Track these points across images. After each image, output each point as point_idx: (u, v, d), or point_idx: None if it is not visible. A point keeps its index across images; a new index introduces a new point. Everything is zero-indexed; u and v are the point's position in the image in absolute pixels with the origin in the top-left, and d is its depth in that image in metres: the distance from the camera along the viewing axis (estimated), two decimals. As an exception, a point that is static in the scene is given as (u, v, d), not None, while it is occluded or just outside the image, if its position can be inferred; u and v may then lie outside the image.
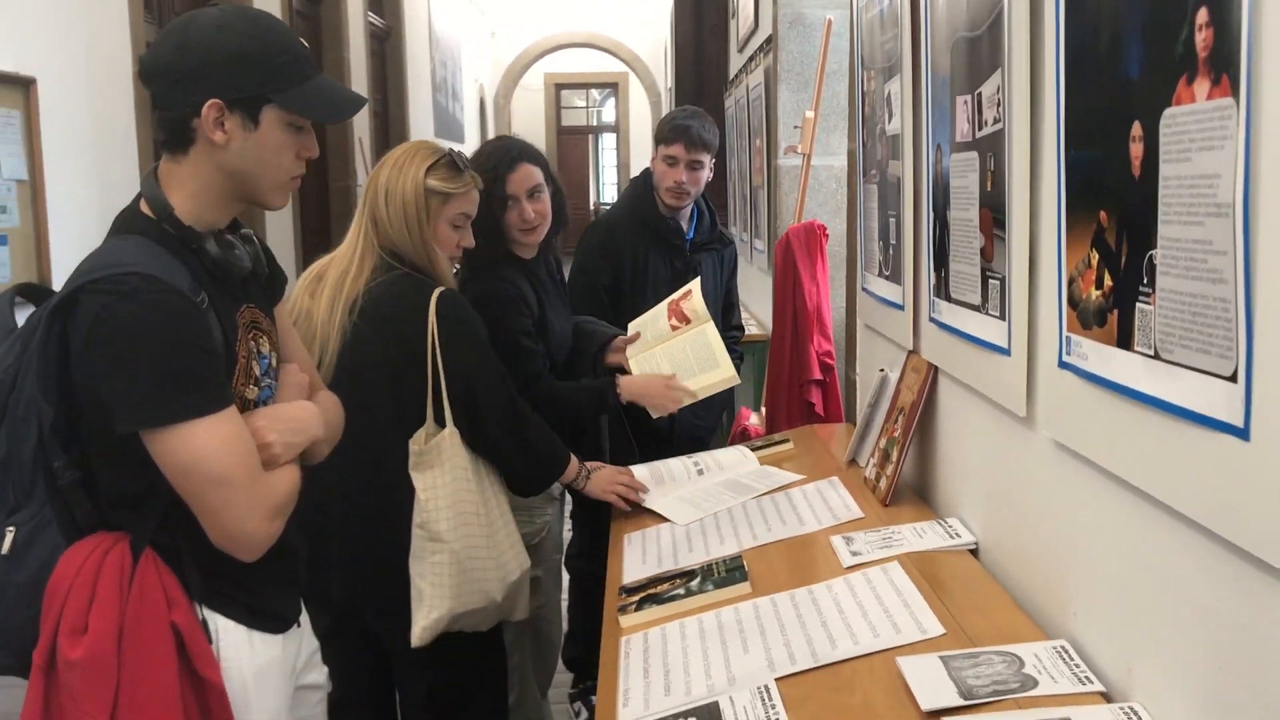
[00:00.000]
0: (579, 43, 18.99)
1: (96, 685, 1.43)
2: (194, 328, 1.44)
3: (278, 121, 1.52)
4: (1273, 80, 0.90)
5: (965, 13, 1.70)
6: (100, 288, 1.42)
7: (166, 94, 1.50)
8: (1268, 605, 0.99)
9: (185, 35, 1.49)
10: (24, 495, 1.49)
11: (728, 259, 3.40)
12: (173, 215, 1.50)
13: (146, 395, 1.41)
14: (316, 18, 9.74)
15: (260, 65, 1.49)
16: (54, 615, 1.45)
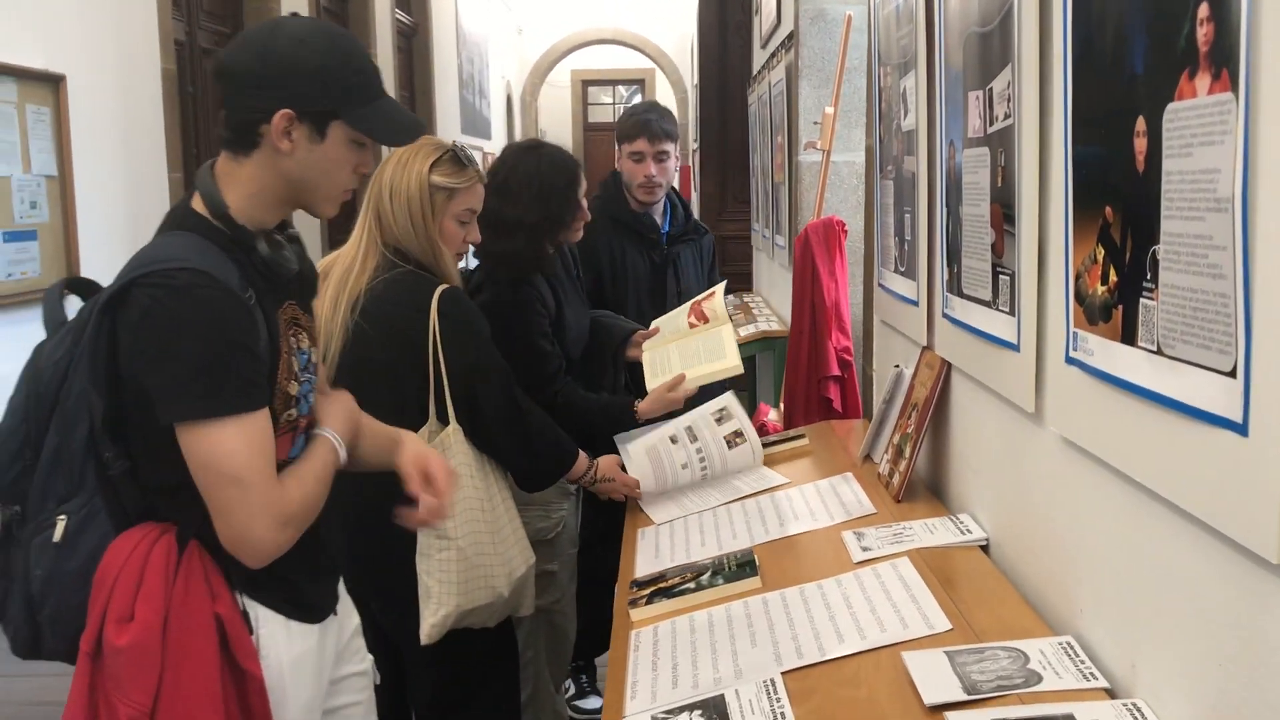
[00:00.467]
0: (605, 39, 19.00)
1: (141, 672, 1.46)
2: (239, 325, 1.47)
3: (342, 137, 1.56)
4: (1271, 74, 0.90)
5: (977, 7, 1.70)
6: (151, 281, 1.45)
7: (240, 97, 1.54)
8: (1268, 602, 0.98)
9: (268, 43, 1.53)
10: (75, 485, 1.52)
11: (705, 248, 3.40)
12: (227, 213, 1.54)
13: (185, 389, 1.44)
14: (344, 15, 9.79)
15: (335, 82, 1.54)
16: (101, 602, 1.48)
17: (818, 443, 2.69)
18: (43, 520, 1.53)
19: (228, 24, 7.42)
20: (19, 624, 1.57)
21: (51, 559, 1.51)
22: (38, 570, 1.52)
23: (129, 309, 1.46)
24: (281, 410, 1.58)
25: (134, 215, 5.85)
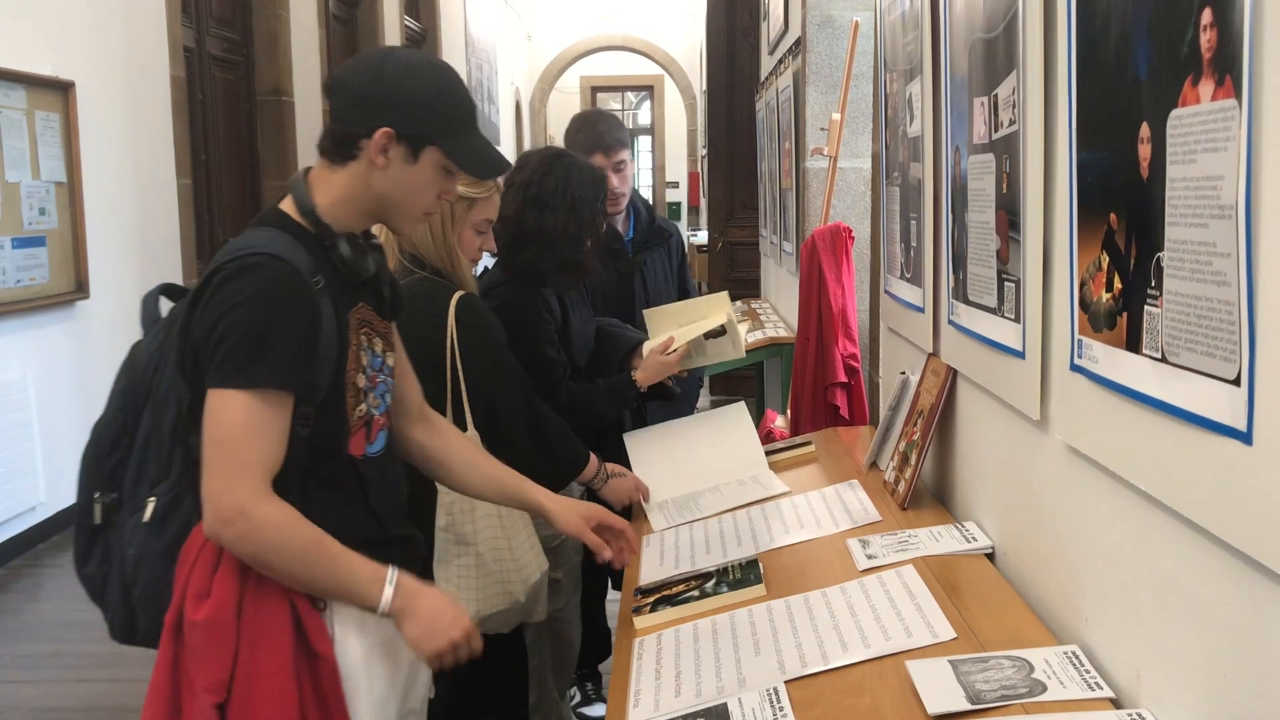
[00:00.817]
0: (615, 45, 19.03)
1: (217, 648, 1.52)
2: (297, 305, 1.54)
3: (433, 162, 1.65)
4: (1273, 81, 0.89)
5: (982, 13, 1.70)
6: (227, 266, 1.55)
7: (347, 111, 1.64)
8: (1272, 611, 0.98)
9: (380, 66, 1.64)
10: (164, 470, 1.62)
11: (674, 249, 3.37)
12: (314, 212, 1.63)
13: (223, 358, 1.51)
14: (353, 21, 9.82)
15: (435, 111, 1.64)
16: (183, 579, 1.56)
17: (824, 449, 2.69)
18: (136, 503, 1.63)
19: (237, 31, 7.45)
20: (116, 606, 1.67)
21: (142, 539, 1.61)
22: (130, 550, 1.62)
23: (205, 293, 1.55)
24: (352, 404, 1.65)
25: (142, 221, 5.87)
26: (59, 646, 3.89)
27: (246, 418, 1.50)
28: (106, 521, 1.67)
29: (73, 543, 1.73)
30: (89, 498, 1.69)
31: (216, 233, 7.06)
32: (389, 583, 1.59)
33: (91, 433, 1.72)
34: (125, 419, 1.67)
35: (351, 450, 1.67)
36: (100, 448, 1.69)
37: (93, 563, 1.70)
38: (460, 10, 13.47)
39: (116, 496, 1.67)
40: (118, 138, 5.67)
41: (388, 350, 1.76)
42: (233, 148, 7.33)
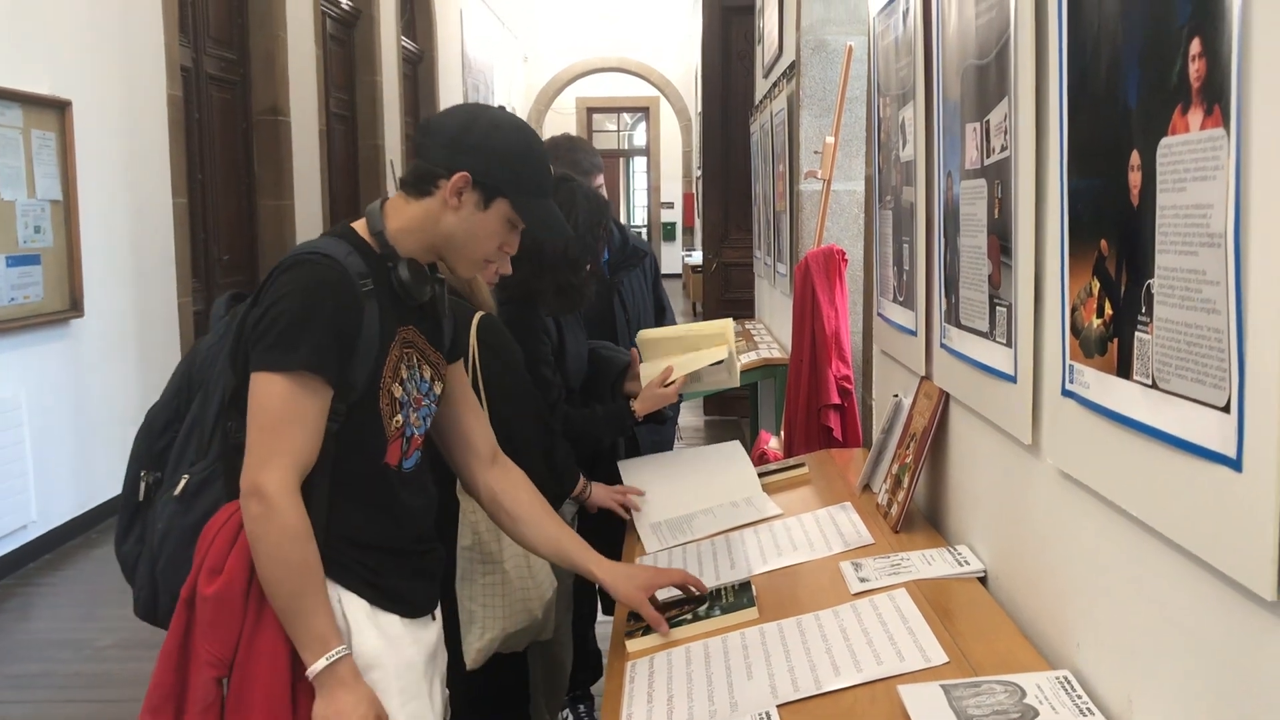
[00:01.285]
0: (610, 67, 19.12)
1: (223, 624, 1.59)
2: (342, 296, 1.63)
3: (502, 214, 1.74)
4: (1261, 111, 0.90)
5: (975, 39, 1.71)
6: (284, 263, 1.66)
7: (433, 150, 1.73)
8: (1261, 639, 0.98)
9: (472, 118, 1.75)
10: (204, 450, 1.72)
11: (649, 269, 3.39)
12: (383, 233, 1.73)
13: (267, 342, 1.59)
14: (350, 41, 9.87)
15: (513, 168, 1.73)
16: (201, 554, 1.63)
17: (817, 471, 2.69)
18: (173, 480, 1.73)
19: (234, 50, 7.48)
20: (143, 582, 1.76)
21: (171, 513, 1.70)
22: (159, 524, 1.72)
23: (259, 291, 1.66)
24: (388, 413, 1.71)
25: (137, 240, 5.87)
26: (49, 666, 3.88)
27: (284, 401, 1.58)
28: (147, 501, 1.77)
29: (116, 521, 1.84)
30: (136, 475, 1.80)
31: (212, 252, 7.06)
32: (327, 657, 1.59)
33: (145, 416, 1.82)
34: (178, 404, 1.79)
35: (388, 459, 1.73)
36: (152, 430, 1.80)
37: (130, 541, 1.80)
38: (457, 32, 13.53)
39: (160, 476, 1.77)
40: (114, 156, 5.68)
41: (436, 380, 1.83)
42: (229, 167, 7.34)
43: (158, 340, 6.09)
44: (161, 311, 6.14)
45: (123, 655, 3.92)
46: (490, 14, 15.59)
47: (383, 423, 1.71)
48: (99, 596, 4.54)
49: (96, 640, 4.06)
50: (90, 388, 5.48)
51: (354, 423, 1.67)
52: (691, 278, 14.06)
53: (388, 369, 1.70)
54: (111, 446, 5.63)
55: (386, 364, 1.70)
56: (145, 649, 3.90)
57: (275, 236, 7.82)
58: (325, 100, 8.84)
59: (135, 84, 5.86)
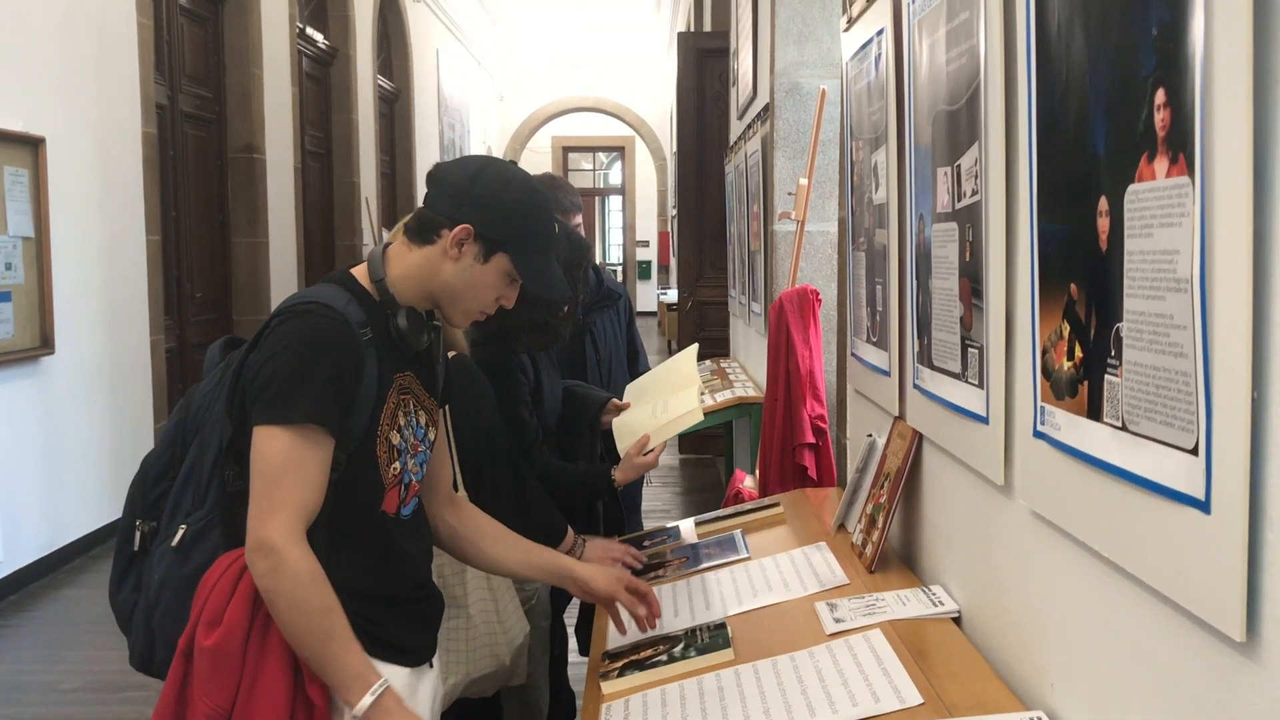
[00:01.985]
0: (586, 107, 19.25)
1: (222, 675, 1.58)
2: (341, 350, 1.63)
3: (501, 268, 1.76)
4: (1224, 160, 0.92)
5: (946, 85, 1.74)
6: (282, 313, 1.66)
7: (440, 200, 1.75)
8: (1231, 679, 0.99)
9: (481, 171, 1.77)
10: (200, 500, 1.70)
11: (622, 310, 3.42)
12: (383, 280, 1.74)
13: (268, 395, 1.59)
14: (326, 80, 9.90)
15: (517, 224, 1.75)
16: (199, 606, 1.62)
17: (792, 510, 2.69)
18: (169, 531, 1.71)
19: (209, 88, 7.48)
20: (139, 632, 1.74)
21: (168, 564, 1.69)
22: (156, 574, 1.70)
23: (259, 339, 1.65)
24: (385, 461, 1.71)
25: (110, 278, 5.84)
26: (14, 710, 3.81)
27: (286, 454, 1.57)
28: (143, 550, 1.76)
29: (111, 568, 1.81)
30: (131, 524, 1.77)
31: (185, 289, 7.03)
32: (372, 691, 1.59)
33: (141, 464, 1.81)
34: (173, 453, 1.77)
35: (385, 507, 1.73)
36: (147, 478, 1.78)
37: (125, 590, 1.78)
38: (433, 71, 13.60)
39: (155, 526, 1.75)
40: (88, 193, 5.65)
41: (431, 425, 1.84)
42: (203, 204, 7.33)
43: (130, 378, 6.05)
44: (134, 349, 6.10)
45: (89, 699, 3.86)
46: (466, 53, 15.69)
47: (380, 471, 1.70)
48: (66, 639, 4.47)
49: (62, 683, 4.00)
50: (61, 426, 5.42)
51: (352, 471, 1.67)
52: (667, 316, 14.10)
53: (385, 416, 1.70)
54: (82, 486, 5.57)
55: (384, 411, 1.70)
56: (111, 691, 3.85)
57: (249, 274, 7.79)
58: (301, 138, 8.84)
59: (110, 121, 5.85)
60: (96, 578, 5.26)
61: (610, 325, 3.30)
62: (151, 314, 6.25)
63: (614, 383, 3.23)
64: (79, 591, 5.10)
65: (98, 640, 4.39)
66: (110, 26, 5.85)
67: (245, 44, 7.65)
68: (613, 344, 3.27)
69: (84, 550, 5.58)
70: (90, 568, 5.42)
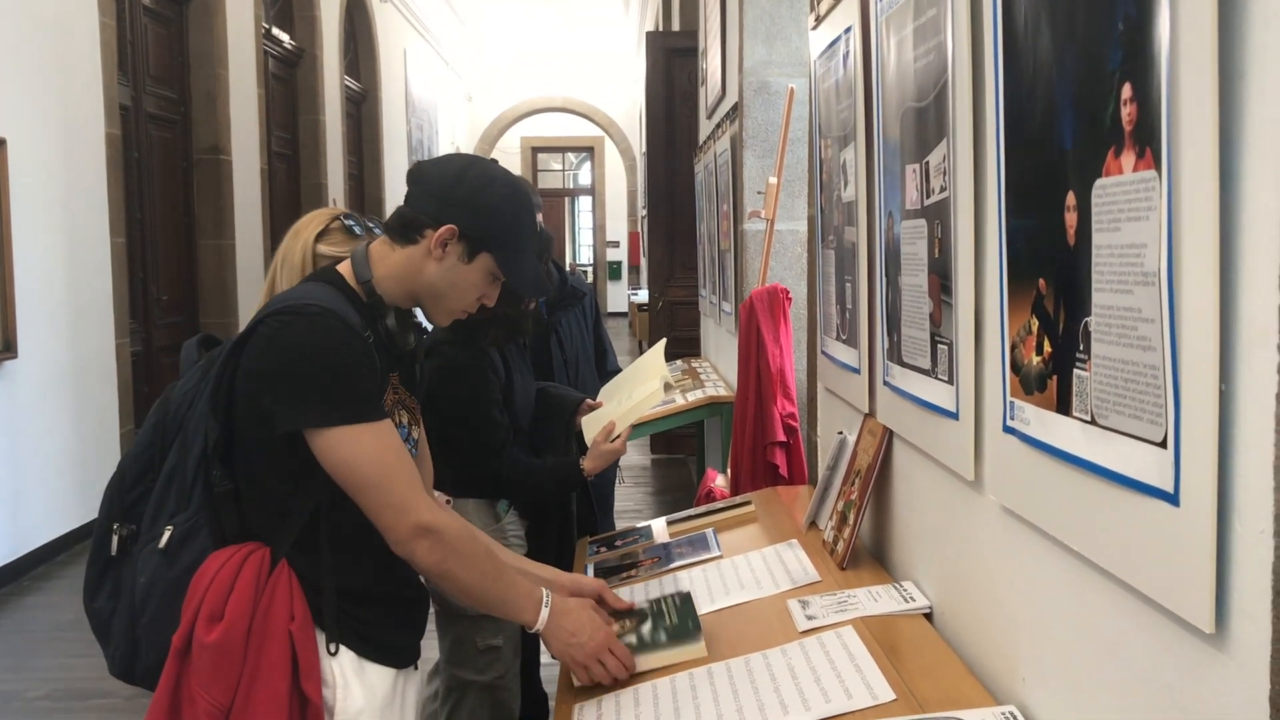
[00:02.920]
0: (555, 107, 19.21)
1: (224, 670, 1.59)
2: (360, 349, 1.65)
3: (485, 268, 1.76)
4: (1190, 154, 0.92)
5: (914, 82, 1.74)
6: (281, 314, 1.64)
7: (422, 200, 1.75)
8: (1201, 671, 0.99)
9: (464, 170, 1.77)
10: (185, 501, 1.69)
11: (589, 309, 3.42)
12: (370, 282, 1.74)
13: (315, 399, 1.59)
14: (293, 81, 9.83)
15: (501, 224, 1.75)
16: (195, 603, 1.62)
17: (764, 509, 2.69)
18: (153, 533, 1.69)
19: (174, 89, 7.41)
20: (120, 640, 1.71)
21: (155, 566, 1.67)
22: (142, 577, 1.68)
23: (257, 338, 1.64)
24: None
25: (74, 280, 5.77)
26: (-24, 719, 3.76)
27: (380, 446, 1.61)
28: (121, 554, 1.74)
29: (85, 576, 1.78)
30: (107, 529, 1.75)
31: (150, 292, 6.96)
32: (544, 605, 1.75)
33: (118, 466, 1.79)
34: (152, 455, 1.75)
35: None
36: (124, 481, 1.76)
37: (102, 597, 1.76)
38: (401, 71, 13.53)
39: (135, 529, 1.73)
40: (50, 196, 5.58)
41: (414, 425, 1.84)
42: (169, 206, 7.26)
43: (95, 382, 5.98)
44: (99, 353, 6.03)
45: (54, 707, 3.81)
46: (434, 53, 15.63)
47: None
48: (30, 647, 4.41)
49: (27, 691, 3.94)
50: (23, 431, 5.35)
51: None
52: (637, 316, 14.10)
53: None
54: (46, 491, 5.50)
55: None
56: (78, 699, 3.81)
57: (216, 276, 7.72)
58: (267, 139, 8.78)
59: (72, 122, 5.78)
60: (62, 584, 5.20)
61: (576, 325, 3.29)
62: (117, 317, 6.18)
63: (581, 382, 3.22)
64: (44, 599, 5.04)
65: (63, 648, 4.34)
66: (72, 26, 5.78)
67: (210, 44, 7.58)
68: (579, 343, 3.26)
69: (49, 557, 5.51)
70: (55, 574, 5.36)
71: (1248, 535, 0.91)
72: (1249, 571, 0.91)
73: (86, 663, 4.04)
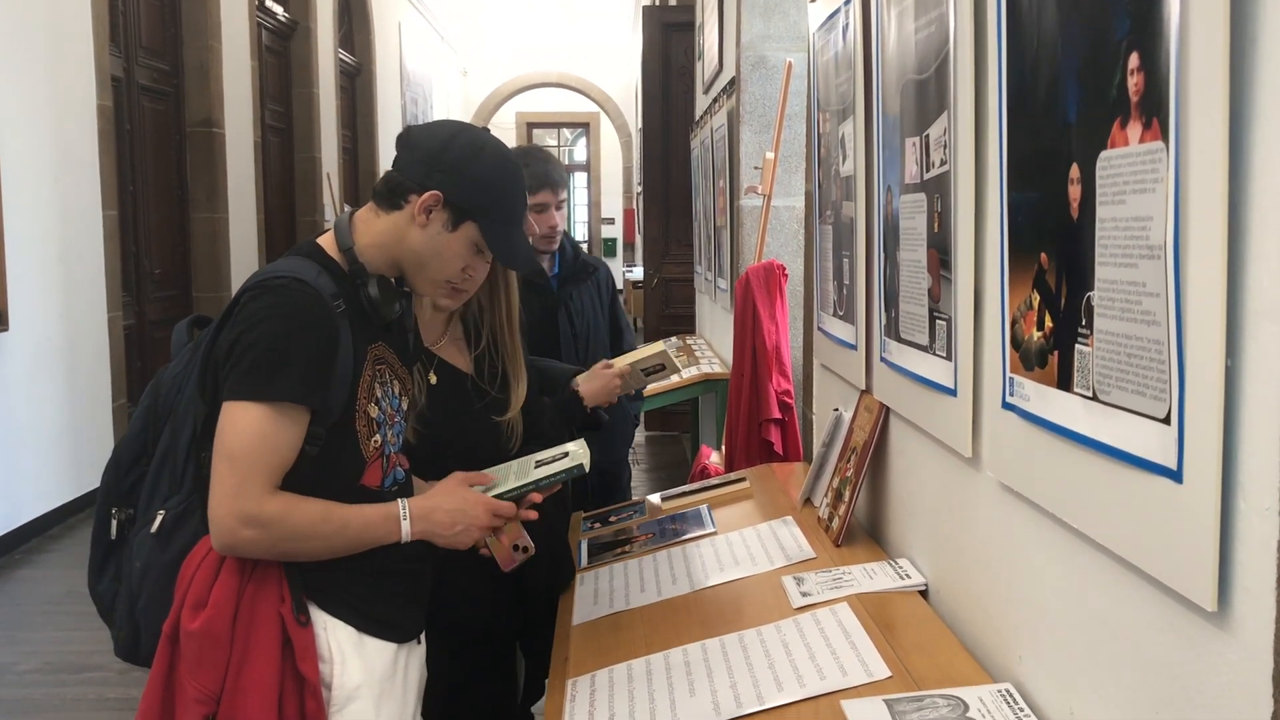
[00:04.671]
0: (551, 82, 19.11)
1: (210, 657, 1.57)
2: (317, 323, 1.59)
3: (469, 238, 1.72)
4: (1199, 125, 0.90)
5: (914, 55, 1.72)
6: (250, 289, 1.61)
7: (408, 165, 1.72)
8: (1202, 650, 0.98)
9: (453, 137, 1.73)
10: (177, 484, 1.67)
11: (604, 284, 3.29)
12: (352, 249, 1.70)
13: (243, 370, 1.56)
14: (286, 53, 9.76)
15: (486, 194, 1.72)
16: (183, 589, 1.60)
17: (759, 486, 2.68)
18: (148, 517, 1.68)
19: (167, 61, 7.35)
20: (123, 622, 1.71)
21: (149, 550, 1.66)
22: (137, 561, 1.67)
23: (230, 316, 1.62)
24: (365, 434, 1.68)
25: (66, 254, 5.74)
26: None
27: (260, 429, 1.55)
28: (121, 537, 1.73)
29: (89, 558, 1.77)
30: (107, 512, 1.74)
31: (143, 265, 6.93)
32: (403, 519, 1.68)
33: (114, 450, 1.77)
34: (146, 438, 1.73)
35: (367, 481, 1.70)
36: (120, 465, 1.74)
37: (105, 579, 1.75)
38: (395, 45, 13.44)
39: (132, 512, 1.72)
40: (42, 167, 5.54)
41: (404, 395, 1.81)
42: (161, 179, 7.21)
43: (87, 355, 5.95)
44: (91, 326, 5.99)
45: (46, 680, 3.80)
46: (429, 27, 15.52)
47: (361, 445, 1.68)
48: (22, 620, 4.41)
49: (19, 664, 3.93)
50: (15, 405, 5.33)
51: (332, 447, 1.64)
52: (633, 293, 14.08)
53: (362, 390, 1.68)
54: (38, 465, 5.48)
55: (361, 385, 1.67)
56: (70, 673, 3.80)
57: (208, 250, 7.68)
58: (260, 112, 8.72)
59: (63, 94, 5.73)
60: (54, 558, 5.19)
61: (590, 300, 3.18)
62: (109, 290, 6.15)
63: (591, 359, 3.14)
64: (36, 572, 5.03)
65: (55, 621, 4.33)
66: (63, -4, 5.72)
67: (203, 16, 7.52)
68: (591, 320, 3.16)
69: (41, 530, 5.49)
70: (47, 548, 5.35)
71: (1252, 513, 0.90)
72: (1252, 549, 0.90)
73: (79, 636, 4.04)
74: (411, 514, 1.68)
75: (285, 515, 1.57)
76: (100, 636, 1.84)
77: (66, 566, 5.01)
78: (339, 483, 1.66)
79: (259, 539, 1.56)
